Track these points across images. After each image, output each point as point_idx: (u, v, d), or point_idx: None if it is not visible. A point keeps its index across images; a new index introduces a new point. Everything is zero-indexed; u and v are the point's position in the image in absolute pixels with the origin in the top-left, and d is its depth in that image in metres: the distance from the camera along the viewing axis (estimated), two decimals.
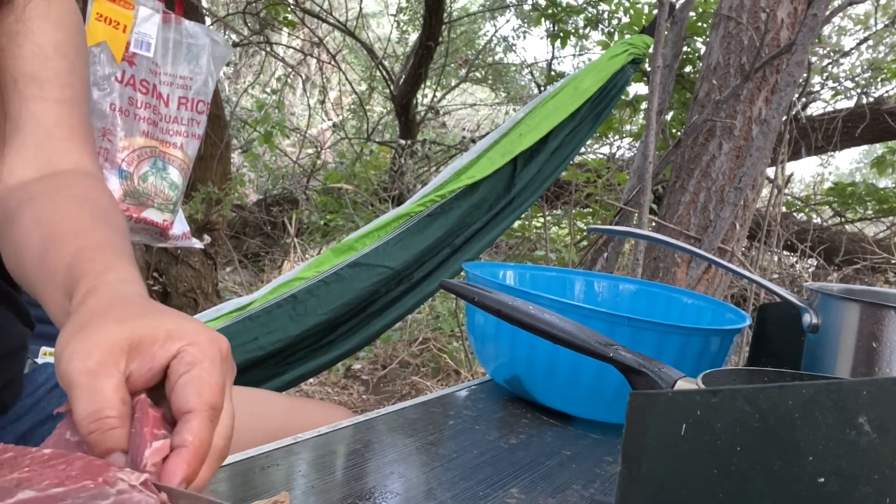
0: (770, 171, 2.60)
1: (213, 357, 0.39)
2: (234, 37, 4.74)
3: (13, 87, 0.61)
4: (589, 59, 4.78)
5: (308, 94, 6.26)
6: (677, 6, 2.06)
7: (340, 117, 6.65)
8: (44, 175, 0.60)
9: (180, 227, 1.86)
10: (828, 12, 1.75)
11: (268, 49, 5.44)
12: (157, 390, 0.40)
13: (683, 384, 0.48)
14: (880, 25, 3.70)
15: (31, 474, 0.37)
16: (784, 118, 2.06)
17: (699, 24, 3.29)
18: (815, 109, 3.91)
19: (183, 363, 0.38)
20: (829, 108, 3.87)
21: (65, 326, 0.41)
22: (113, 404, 0.36)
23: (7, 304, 0.71)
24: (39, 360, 0.80)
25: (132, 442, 0.37)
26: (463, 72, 6.62)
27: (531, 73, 6.24)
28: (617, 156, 4.39)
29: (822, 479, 0.30)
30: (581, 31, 4.37)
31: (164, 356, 0.38)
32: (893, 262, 3.44)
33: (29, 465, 0.37)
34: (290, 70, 5.81)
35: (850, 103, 3.76)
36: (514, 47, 6.54)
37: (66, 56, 0.64)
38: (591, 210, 3.68)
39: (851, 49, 3.95)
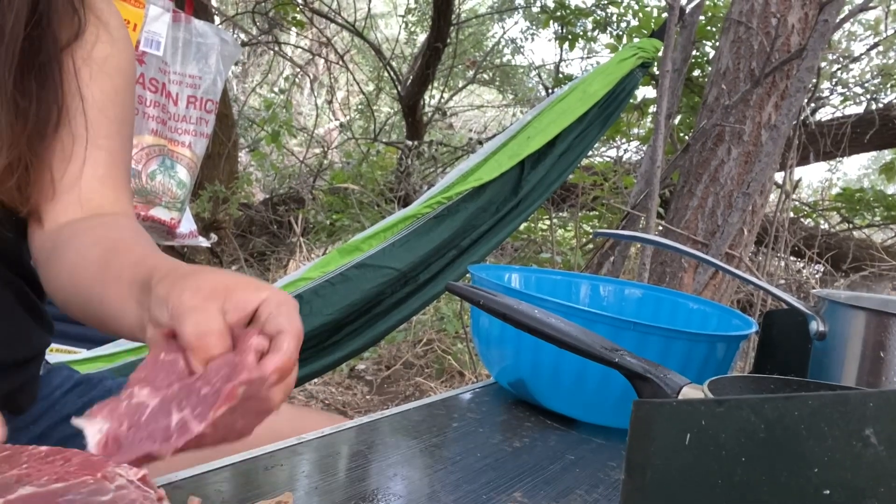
0: (778, 177, 2.59)
1: (293, 305, 0.45)
2: (242, 36, 4.76)
3: (74, 122, 0.65)
4: (597, 62, 4.77)
5: (315, 94, 6.27)
6: (687, 10, 2.05)
7: (347, 117, 6.65)
8: (92, 216, 0.65)
9: (187, 225, 1.87)
10: (839, 18, 1.74)
11: (276, 49, 5.45)
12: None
13: (689, 390, 0.48)
14: (890, 31, 3.69)
15: (31, 470, 0.37)
16: (793, 123, 2.05)
17: (709, 28, 3.28)
18: (824, 115, 3.90)
19: (272, 304, 0.44)
20: (838, 114, 3.85)
21: (160, 284, 0.46)
22: (218, 321, 0.43)
23: (31, 311, 0.71)
24: (50, 359, 0.80)
25: (238, 341, 0.43)
26: (470, 73, 6.62)
27: (539, 75, 6.24)
28: (624, 159, 4.38)
29: (828, 492, 0.30)
30: (590, 33, 4.36)
31: (255, 300, 0.45)
32: None
33: (27, 462, 0.38)
34: (298, 70, 5.82)
35: (860, 109, 3.75)
36: (522, 49, 6.53)
37: (120, 106, 0.68)
38: (597, 213, 3.67)
39: (861, 54, 3.93)
